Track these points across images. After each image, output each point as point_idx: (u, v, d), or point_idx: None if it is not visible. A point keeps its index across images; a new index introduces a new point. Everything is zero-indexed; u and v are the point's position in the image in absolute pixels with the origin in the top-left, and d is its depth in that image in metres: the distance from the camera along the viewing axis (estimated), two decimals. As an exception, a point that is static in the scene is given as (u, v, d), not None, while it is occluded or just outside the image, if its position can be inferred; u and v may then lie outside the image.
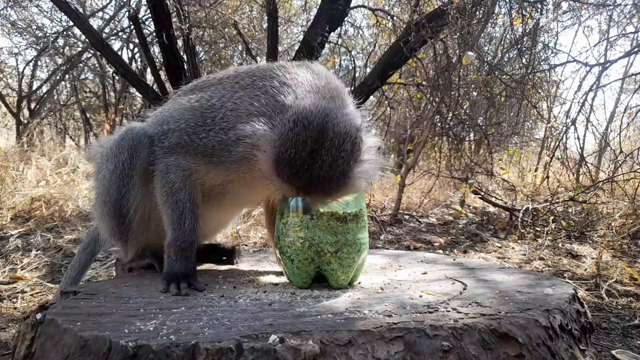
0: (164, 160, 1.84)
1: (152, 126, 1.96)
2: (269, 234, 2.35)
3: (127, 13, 8.01)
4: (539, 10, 5.82)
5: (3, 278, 3.38)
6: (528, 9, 5.77)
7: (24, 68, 10.31)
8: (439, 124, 6.59)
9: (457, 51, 5.91)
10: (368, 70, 7.17)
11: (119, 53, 8.56)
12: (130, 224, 1.96)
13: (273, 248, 2.19)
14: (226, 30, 6.83)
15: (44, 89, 10.57)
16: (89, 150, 2.29)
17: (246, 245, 4.22)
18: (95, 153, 2.16)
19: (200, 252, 2.25)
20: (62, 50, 9.50)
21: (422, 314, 1.39)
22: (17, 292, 3.13)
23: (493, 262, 3.59)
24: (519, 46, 5.90)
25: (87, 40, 6.75)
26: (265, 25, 6.67)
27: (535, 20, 5.81)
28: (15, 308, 2.90)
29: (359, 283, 1.81)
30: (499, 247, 4.63)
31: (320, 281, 1.77)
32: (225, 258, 2.27)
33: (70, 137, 11.41)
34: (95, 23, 9.51)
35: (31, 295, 3.12)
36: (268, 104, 1.71)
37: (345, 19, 6.58)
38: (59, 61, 9.96)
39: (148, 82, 7.16)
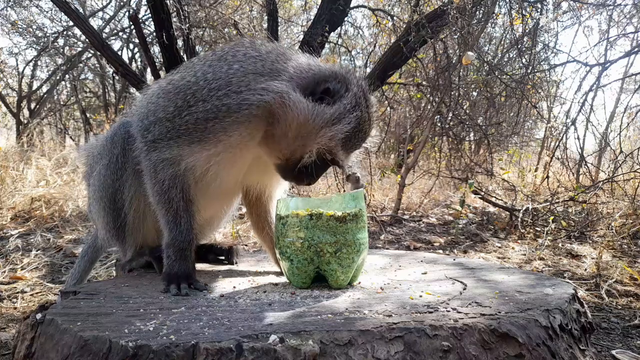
0: (149, 156, 1.78)
1: (133, 122, 1.91)
2: (260, 239, 2.25)
3: (127, 13, 8.01)
4: (539, 10, 5.82)
5: (3, 278, 3.38)
6: (528, 9, 5.77)
7: (24, 68, 10.35)
8: (439, 124, 6.59)
9: (457, 51, 5.92)
10: (368, 70, 7.17)
11: (119, 53, 8.57)
12: (126, 219, 1.96)
13: (269, 252, 2.17)
14: (226, 30, 6.83)
15: (44, 89, 10.60)
16: (80, 155, 2.27)
17: (246, 245, 4.21)
18: (87, 155, 2.15)
19: (198, 252, 2.24)
20: (62, 50, 9.51)
21: (422, 314, 1.39)
22: (17, 292, 3.13)
23: (493, 262, 3.59)
24: (519, 46, 5.90)
25: (87, 40, 6.76)
26: (265, 25, 6.67)
27: (535, 20, 5.81)
28: (15, 308, 2.89)
29: (359, 283, 1.81)
30: (499, 247, 4.63)
31: (320, 281, 1.77)
32: (223, 258, 2.27)
33: (70, 137, 11.43)
34: (95, 23, 9.54)
35: (31, 295, 3.12)
36: (267, 68, 1.74)
37: (345, 19, 6.59)
38: (59, 61, 9.98)
39: (148, 82, 7.15)
